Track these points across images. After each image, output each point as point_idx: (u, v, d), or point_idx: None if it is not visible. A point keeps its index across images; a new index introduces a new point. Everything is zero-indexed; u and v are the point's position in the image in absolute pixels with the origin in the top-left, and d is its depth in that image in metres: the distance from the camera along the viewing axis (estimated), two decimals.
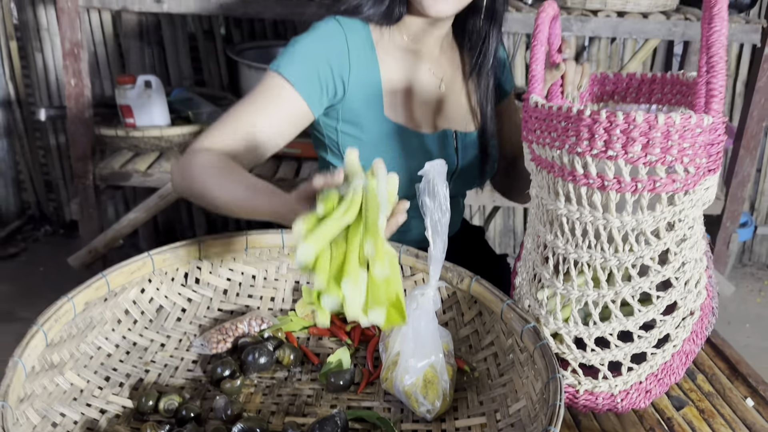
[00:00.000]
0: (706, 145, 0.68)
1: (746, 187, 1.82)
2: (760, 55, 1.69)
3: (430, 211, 0.77)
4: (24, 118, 2.50)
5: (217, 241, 0.94)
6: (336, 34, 1.00)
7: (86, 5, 1.64)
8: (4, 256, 2.42)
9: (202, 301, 0.96)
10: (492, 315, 0.88)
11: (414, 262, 0.95)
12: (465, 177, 1.15)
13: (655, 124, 0.65)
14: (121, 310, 0.88)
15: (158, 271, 0.90)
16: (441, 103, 1.12)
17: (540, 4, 1.69)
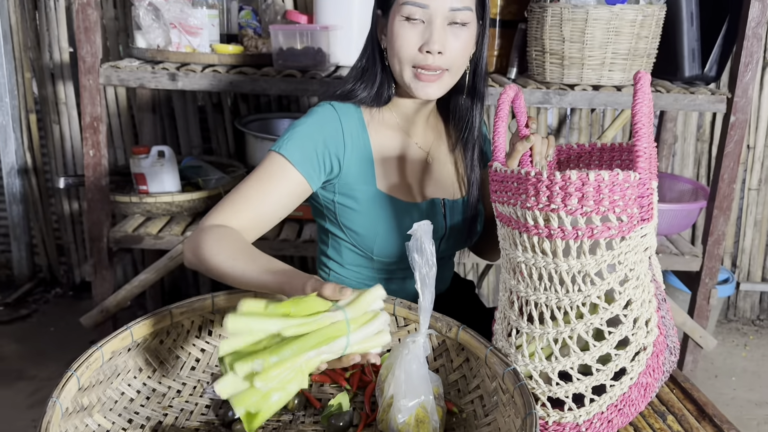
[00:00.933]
0: (636, 197, 0.80)
1: (722, 245, 1.93)
2: (726, 122, 1.84)
3: (418, 265, 0.87)
4: (39, 186, 2.64)
5: (229, 297, 1.04)
6: (331, 118, 1.13)
7: (106, 83, 1.79)
8: (16, 317, 2.51)
9: (214, 352, 1.05)
10: (477, 360, 0.97)
11: (407, 313, 1.05)
12: (453, 239, 1.26)
13: (587, 181, 0.78)
14: (142, 360, 0.97)
15: (176, 324, 1.00)
16: (429, 174, 1.23)
17: (521, 78, 1.85)
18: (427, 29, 1.08)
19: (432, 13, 1.07)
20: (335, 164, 1.13)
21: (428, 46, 1.07)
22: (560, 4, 1.68)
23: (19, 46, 2.47)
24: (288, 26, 1.84)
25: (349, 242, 1.21)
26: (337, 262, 1.25)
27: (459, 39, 1.09)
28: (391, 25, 1.10)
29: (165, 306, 0.99)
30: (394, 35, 1.10)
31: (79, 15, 1.73)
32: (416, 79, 1.10)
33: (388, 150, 1.19)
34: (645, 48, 1.73)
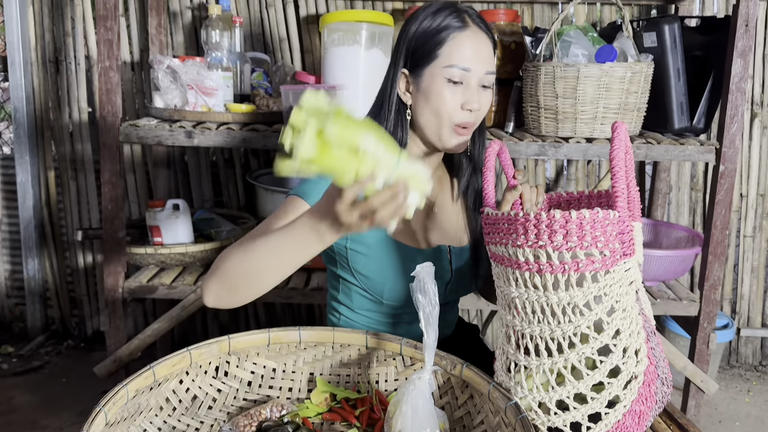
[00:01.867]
0: (617, 233, 0.88)
1: (718, 290, 1.99)
2: (716, 172, 1.92)
3: (422, 305, 0.94)
4: (55, 240, 2.72)
5: (244, 338, 1.10)
6: None
7: (126, 140, 1.89)
8: (29, 368, 2.55)
9: (230, 392, 1.10)
10: (481, 396, 1.03)
11: (413, 352, 1.11)
12: (458, 285, 1.32)
13: (570, 219, 0.86)
14: (163, 398, 1.02)
15: (195, 365, 1.06)
16: (434, 222, 1.31)
17: (518, 132, 1.95)
18: (467, 90, 1.19)
19: (471, 76, 1.19)
20: None
21: (469, 104, 1.19)
22: (553, 63, 1.79)
23: (40, 107, 2.59)
24: (297, 86, 1.96)
25: (360, 287, 1.27)
26: (348, 307, 1.32)
27: (487, 98, 1.22)
28: (431, 85, 1.19)
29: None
30: (435, 94, 1.19)
31: (101, 77, 1.85)
32: (453, 134, 1.21)
33: None
34: (635, 102, 1.83)
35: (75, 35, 2.52)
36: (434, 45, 1.19)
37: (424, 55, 1.20)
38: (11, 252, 2.80)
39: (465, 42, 1.18)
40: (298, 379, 1.15)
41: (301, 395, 1.14)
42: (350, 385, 1.15)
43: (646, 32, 1.92)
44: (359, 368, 1.15)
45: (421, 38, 1.20)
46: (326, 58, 2.04)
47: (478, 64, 1.18)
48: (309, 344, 1.14)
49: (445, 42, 1.18)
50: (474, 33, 1.19)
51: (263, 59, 2.23)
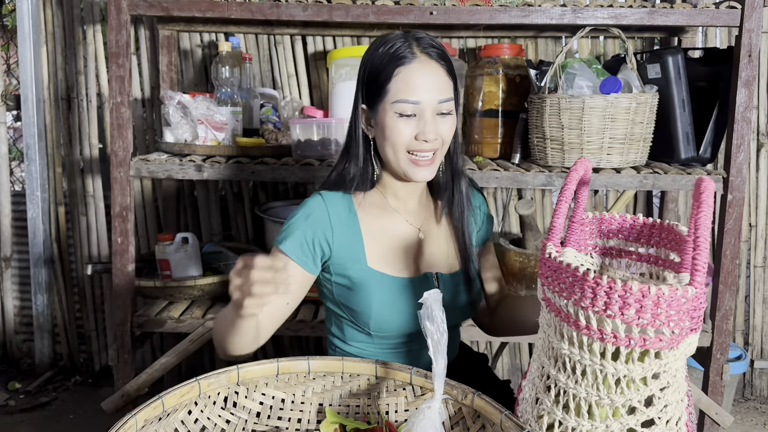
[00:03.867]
0: (690, 310, 0.79)
1: (730, 320, 1.97)
2: (724, 201, 1.92)
3: (430, 333, 0.93)
4: (64, 275, 2.73)
5: (253, 368, 1.08)
6: (318, 206, 1.24)
7: (136, 175, 1.91)
8: (36, 405, 2.54)
9: (238, 423, 1.09)
10: (494, 426, 1.01)
11: (423, 382, 1.10)
12: (451, 312, 1.29)
13: (648, 294, 0.76)
14: (171, 429, 1.00)
15: (203, 395, 1.04)
16: (421, 249, 1.30)
17: (525, 163, 1.96)
18: (420, 121, 1.18)
19: (423, 107, 1.18)
20: (326, 248, 1.23)
21: (423, 135, 1.18)
22: (558, 94, 1.81)
23: (52, 143, 2.63)
24: (305, 120, 1.98)
25: (348, 319, 1.28)
26: (341, 340, 1.32)
27: (446, 124, 1.21)
28: (383, 120, 1.20)
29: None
30: (388, 129, 1.19)
31: (113, 113, 1.88)
32: (413, 165, 1.21)
33: (379, 229, 1.27)
34: (641, 132, 1.85)
35: (87, 73, 2.57)
36: (383, 80, 1.19)
37: (375, 90, 1.21)
38: (20, 288, 2.81)
39: (412, 75, 1.17)
40: (307, 410, 1.13)
41: (310, 426, 1.13)
42: (360, 416, 1.14)
43: (649, 64, 1.95)
44: (369, 398, 1.14)
45: (372, 74, 1.21)
46: (333, 93, 2.08)
47: (429, 95, 1.18)
48: (318, 374, 1.13)
49: (392, 77, 1.18)
50: (421, 64, 1.18)
51: (272, 94, 2.26)
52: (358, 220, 1.26)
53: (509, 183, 1.89)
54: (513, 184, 1.89)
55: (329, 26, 2.37)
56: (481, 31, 2.29)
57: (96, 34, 2.54)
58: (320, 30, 2.41)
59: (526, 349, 2.66)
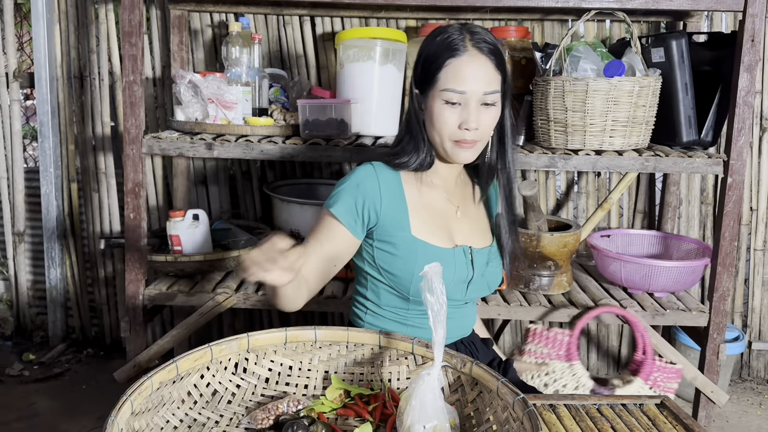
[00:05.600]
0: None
1: (727, 301, 2.01)
2: (724, 184, 1.95)
3: (430, 304, 0.98)
4: (77, 250, 2.79)
5: (263, 336, 1.14)
6: (369, 175, 1.32)
7: (149, 152, 1.95)
8: (49, 375, 2.61)
9: (248, 387, 1.14)
10: (490, 393, 1.07)
11: (425, 351, 1.15)
12: (478, 285, 1.40)
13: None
14: (185, 392, 1.06)
15: (215, 360, 1.10)
16: (458, 225, 1.39)
17: (529, 145, 1.98)
18: (464, 110, 1.27)
19: (468, 97, 1.27)
20: (373, 215, 1.31)
21: (466, 124, 1.27)
22: (562, 77, 1.84)
23: (65, 121, 2.68)
24: (314, 101, 2.02)
25: (387, 284, 1.36)
26: (375, 303, 1.39)
27: (489, 115, 1.29)
28: (431, 106, 1.30)
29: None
30: (435, 116, 1.29)
31: (125, 91, 1.92)
32: (455, 147, 1.30)
33: (423, 202, 1.37)
34: (643, 116, 1.88)
35: (99, 52, 2.61)
36: (434, 70, 1.28)
37: (427, 78, 1.30)
38: (34, 262, 2.87)
39: (461, 67, 1.26)
40: (313, 377, 1.19)
41: (316, 392, 1.18)
42: (363, 383, 1.19)
43: (654, 48, 1.97)
44: (372, 367, 1.19)
45: (425, 63, 1.31)
46: (341, 74, 2.11)
47: (475, 85, 1.26)
48: (324, 343, 1.18)
49: (442, 68, 1.27)
50: (471, 57, 1.27)
51: (281, 75, 2.30)
52: (404, 191, 1.35)
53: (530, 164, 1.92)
54: (517, 165, 1.92)
55: (338, 7, 2.40)
56: (488, 13, 2.32)
57: (108, 13, 2.58)
58: (329, 11, 2.44)
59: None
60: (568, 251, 2.04)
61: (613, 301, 2.03)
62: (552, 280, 2.07)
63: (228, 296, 1.99)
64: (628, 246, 2.35)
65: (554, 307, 2.00)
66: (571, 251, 2.06)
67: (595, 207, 2.58)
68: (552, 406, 1.18)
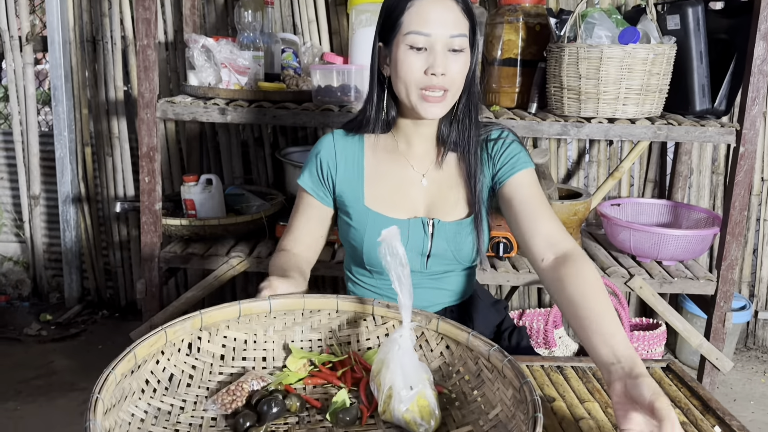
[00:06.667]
0: None
1: (735, 270, 2.02)
2: (736, 153, 1.95)
3: (393, 266, 0.97)
4: (91, 214, 2.83)
5: (217, 312, 1.04)
6: (327, 143, 1.34)
7: (163, 116, 1.97)
8: (66, 335, 2.68)
9: (204, 367, 1.05)
10: (458, 345, 1.06)
11: (385, 312, 1.12)
12: (442, 258, 1.33)
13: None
14: (143, 381, 0.95)
15: (169, 343, 0.99)
16: (422, 195, 1.33)
17: (541, 113, 1.99)
18: (430, 55, 1.20)
19: (433, 41, 1.19)
20: (330, 183, 1.34)
21: (432, 69, 1.19)
22: (577, 44, 1.84)
23: (78, 85, 2.69)
24: (326, 66, 2.02)
25: (351, 256, 1.39)
26: (352, 275, 1.42)
27: (458, 62, 1.22)
28: (396, 54, 1.22)
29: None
30: (399, 63, 1.21)
31: (139, 55, 1.93)
32: (422, 101, 1.22)
33: (382, 171, 1.33)
34: (657, 84, 1.87)
35: (111, 16, 2.61)
36: (397, 14, 1.21)
37: (390, 25, 1.23)
38: (49, 225, 2.92)
39: (425, 7, 1.19)
40: (270, 348, 1.13)
41: (276, 364, 1.12)
42: (322, 349, 1.15)
43: (669, 15, 1.95)
44: (330, 332, 1.15)
45: (388, 9, 1.24)
46: (354, 39, 2.11)
47: (440, 29, 1.18)
48: (279, 313, 1.12)
49: (405, 11, 1.20)
50: None
51: (293, 40, 2.29)
52: (363, 160, 1.33)
53: (525, 132, 1.93)
54: (529, 133, 1.93)
55: None
56: None
57: None
58: None
59: (534, 292, 2.74)
60: (577, 219, 2.06)
61: (621, 269, 2.05)
62: None
63: (241, 260, 2.02)
64: (638, 215, 2.37)
65: None
66: (580, 219, 2.08)
67: (606, 176, 2.58)
68: (560, 368, 1.20)
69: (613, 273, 2.03)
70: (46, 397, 2.26)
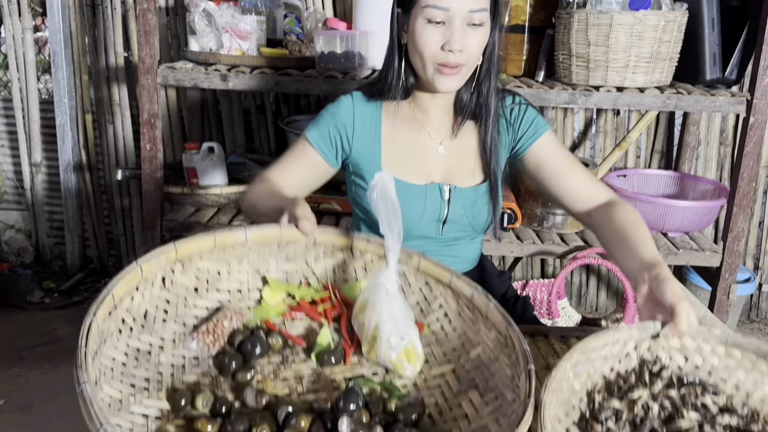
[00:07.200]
0: None
1: (741, 242, 2.01)
2: (746, 124, 1.92)
3: (383, 211, 0.95)
4: (93, 182, 2.81)
5: (191, 244, 0.99)
6: (346, 105, 1.30)
7: (163, 83, 1.94)
8: (69, 303, 2.68)
9: (178, 301, 1.00)
10: (439, 284, 1.06)
11: (365, 245, 1.10)
12: (457, 225, 1.33)
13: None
14: (119, 321, 0.90)
15: (144, 279, 0.94)
16: (437, 162, 1.32)
17: (549, 81, 1.95)
18: (448, 29, 1.16)
19: (452, 15, 1.15)
20: (346, 145, 1.30)
21: (449, 45, 1.16)
22: (586, 10, 1.79)
23: (77, 51, 2.65)
24: (329, 32, 1.98)
25: (363, 220, 1.37)
26: None
27: (476, 37, 1.18)
28: (413, 26, 1.19)
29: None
30: (416, 35, 1.18)
31: (139, 19, 1.89)
32: (438, 74, 1.20)
33: (398, 138, 1.31)
34: (667, 52, 1.83)
35: None
36: None
37: None
38: (51, 193, 2.90)
39: None
40: (245, 280, 1.08)
41: (252, 295, 1.08)
42: (298, 277, 1.11)
43: None
44: (306, 262, 1.11)
45: None
46: (357, 5, 2.06)
47: (459, 2, 1.14)
48: (254, 244, 1.06)
49: None
50: None
51: (295, 5, 2.25)
52: (381, 125, 1.30)
53: (532, 100, 1.88)
54: (535, 101, 1.89)
55: None
56: None
57: None
58: None
59: (538, 263, 2.73)
60: None
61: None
62: (566, 218, 2.07)
63: None
64: (644, 186, 2.34)
65: (567, 245, 2.01)
66: None
67: (613, 146, 2.55)
68: (564, 338, 1.20)
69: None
70: (50, 363, 2.27)
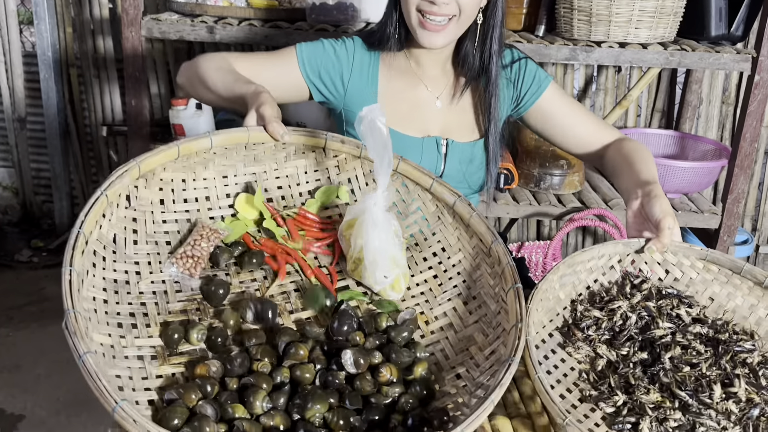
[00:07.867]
0: None
1: (741, 203, 1.97)
2: (750, 82, 1.86)
3: (372, 141, 0.90)
4: (79, 138, 2.74)
5: (154, 158, 0.93)
6: (348, 49, 1.25)
7: (148, 35, 1.86)
8: (57, 262, 2.64)
9: (145, 218, 0.95)
10: (417, 186, 1.04)
11: (339, 146, 1.05)
12: (453, 180, 1.30)
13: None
14: (90, 253, 0.85)
15: (110, 204, 0.89)
16: (434, 116, 1.29)
17: (549, 36, 1.88)
18: None
19: None
20: (338, 85, 1.24)
21: None
22: None
23: (61, 2, 2.55)
24: None
25: None
26: None
27: None
28: None
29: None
30: None
31: None
32: (421, 27, 1.15)
33: (395, 89, 1.27)
34: (672, 6, 1.76)
35: None
36: None
37: None
38: (37, 150, 2.83)
39: None
40: (212, 186, 1.02)
41: (221, 203, 1.02)
42: (266, 181, 1.06)
43: None
44: (275, 164, 1.06)
45: None
46: None
47: None
48: (219, 149, 1.00)
49: None
50: None
51: None
52: (378, 76, 1.26)
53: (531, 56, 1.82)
54: (535, 57, 1.82)
55: None
56: None
57: None
58: None
59: (534, 225, 2.70)
60: None
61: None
62: (563, 179, 2.03)
63: None
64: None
65: (563, 206, 1.97)
66: None
67: (614, 105, 2.49)
68: None
69: (615, 205, 1.97)
70: (39, 323, 2.25)
